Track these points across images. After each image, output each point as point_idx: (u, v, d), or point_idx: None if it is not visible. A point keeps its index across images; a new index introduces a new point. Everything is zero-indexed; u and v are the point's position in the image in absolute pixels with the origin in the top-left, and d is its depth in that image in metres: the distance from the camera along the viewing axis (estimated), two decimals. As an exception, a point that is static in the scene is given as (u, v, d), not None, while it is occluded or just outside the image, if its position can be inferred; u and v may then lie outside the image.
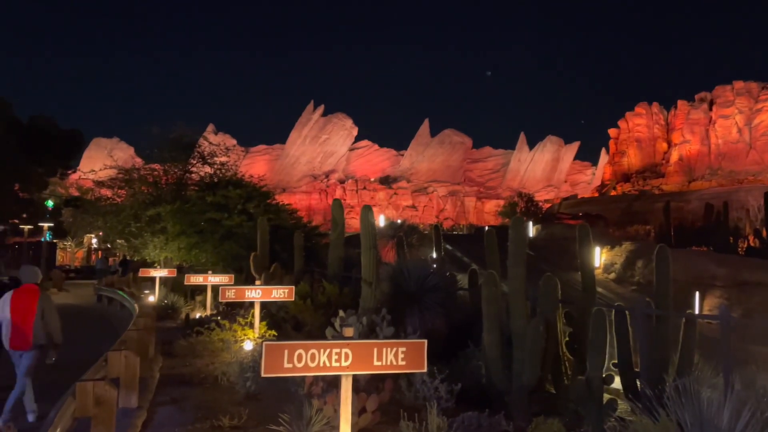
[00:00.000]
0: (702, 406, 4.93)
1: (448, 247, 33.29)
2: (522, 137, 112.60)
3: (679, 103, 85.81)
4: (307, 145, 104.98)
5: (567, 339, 10.72)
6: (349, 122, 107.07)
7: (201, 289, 19.32)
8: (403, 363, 5.26)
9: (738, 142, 77.73)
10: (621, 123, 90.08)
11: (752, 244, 35.12)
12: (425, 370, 5.48)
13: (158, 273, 20.39)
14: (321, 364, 5.09)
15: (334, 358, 5.10)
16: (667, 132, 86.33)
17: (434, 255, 23.39)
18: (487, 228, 17.64)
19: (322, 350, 5.09)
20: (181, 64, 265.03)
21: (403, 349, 5.26)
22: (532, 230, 41.92)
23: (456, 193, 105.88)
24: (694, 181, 76.53)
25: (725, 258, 27.11)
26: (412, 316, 11.82)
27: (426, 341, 5.43)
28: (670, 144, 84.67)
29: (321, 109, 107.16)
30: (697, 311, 19.82)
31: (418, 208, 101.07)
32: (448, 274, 14.32)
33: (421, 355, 5.32)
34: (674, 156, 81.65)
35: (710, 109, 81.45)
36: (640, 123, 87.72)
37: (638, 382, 8.86)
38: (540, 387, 9.49)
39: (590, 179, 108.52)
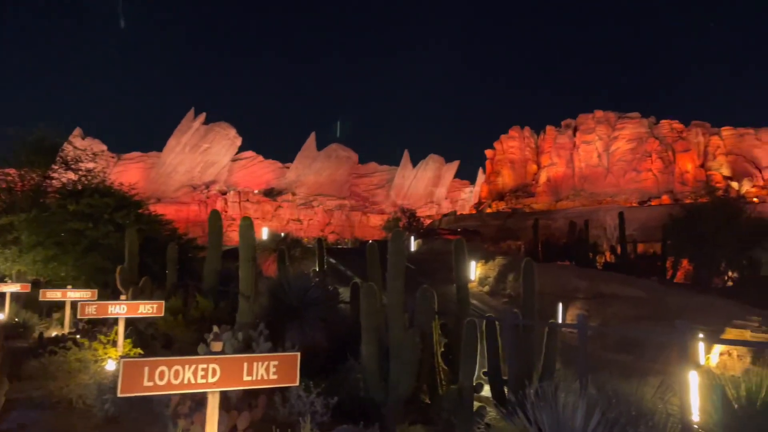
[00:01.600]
0: (559, 408, 5.24)
1: (332, 260, 33.25)
2: (406, 154, 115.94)
3: (548, 128, 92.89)
4: (186, 153, 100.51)
5: (443, 350, 11.04)
6: (232, 132, 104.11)
7: (59, 306, 17.66)
8: (275, 377, 5.09)
9: (598, 166, 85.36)
10: (496, 145, 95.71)
11: (609, 260, 38.45)
12: (297, 383, 5.34)
13: (8, 288, 18.35)
14: (186, 381, 4.78)
15: (200, 375, 4.81)
16: (537, 154, 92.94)
17: (317, 268, 23.23)
18: (370, 242, 17.80)
19: (187, 366, 4.79)
20: (48, 63, 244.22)
21: (275, 362, 5.09)
22: (413, 244, 43.07)
23: (342, 207, 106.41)
24: (560, 200, 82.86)
25: (585, 272, 29.42)
26: (292, 330, 11.58)
27: (299, 354, 5.29)
28: (539, 166, 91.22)
29: (202, 117, 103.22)
30: (560, 321, 21.25)
31: (303, 221, 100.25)
32: (330, 287, 14.26)
33: (294, 368, 5.18)
34: (543, 177, 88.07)
35: (574, 135, 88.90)
36: (513, 145, 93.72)
37: (506, 389, 9.30)
38: (415, 397, 9.65)
39: (469, 197, 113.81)
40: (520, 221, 63.69)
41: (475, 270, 30.90)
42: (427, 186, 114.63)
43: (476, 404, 9.35)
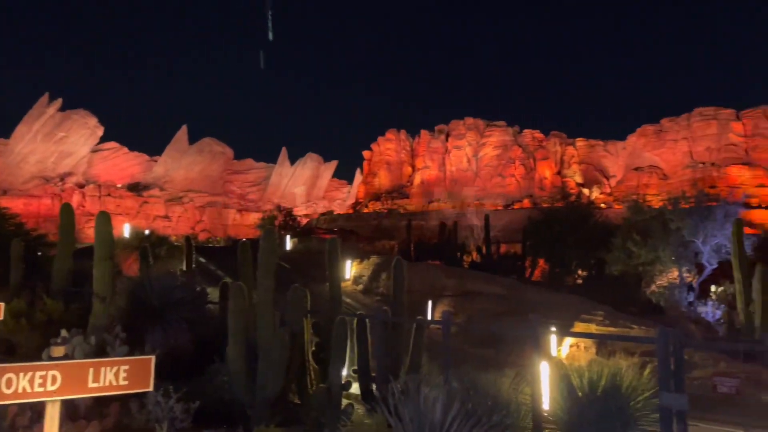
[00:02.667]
0: (420, 402, 5.39)
1: (202, 260, 31.91)
2: (284, 152, 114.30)
3: (422, 132, 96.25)
4: (38, 142, 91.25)
5: (314, 348, 10.98)
6: (92, 120, 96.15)
7: None
8: (126, 383, 4.73)
9: (467, 170, 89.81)
10: (374, 146, 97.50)
11: (475, 259, 40.54)
12: (152, 388, 5.01)
13: None
14: (20, 391, 4.30)
15: (37, 383, 4.35)
16: (412, 157, 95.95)
17: (184, 268, 22.15)
18: (242, 240, 17.33)
19: (21, 374, 4.30)
20: None
21: (126, 367, 4.73)
22: (289, 243, 42.55)
23: (214, 204, 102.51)
24: (432, 202, 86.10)
25: (454, 271, 30.79)
26: (153, 332, 10.94)
27: (153, 357, 4.97)
28: (414, 168, 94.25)
29: (58, 102, 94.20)
30: (429, 318, 22.03)
31: (171, 218, 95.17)
32: (198, 287, 13.66)
33: (147, 373, 4.85)
34: (417, 179, 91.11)
35: (447, 140, 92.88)
36: (389, 147, 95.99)
37: (373, 385, 9.45)
38: (284, 398, 9.50)
39: (346, 197, 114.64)
40: (395, 221, 65.37)
41: (350, 269, 31.15)
42: (305, 184, 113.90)
43: (345, 401, 9.40)
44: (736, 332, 23.33)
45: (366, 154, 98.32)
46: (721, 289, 30.67)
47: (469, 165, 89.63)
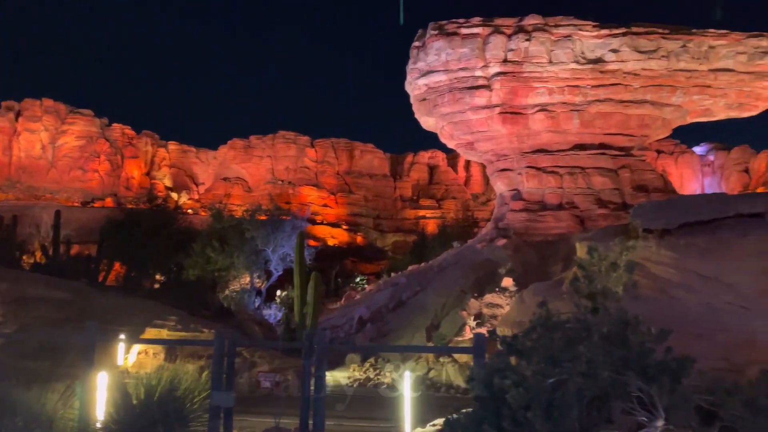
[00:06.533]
0: None
1: None
2: None
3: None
4: None
5: None
6: None
7: None
8: None
9: (41, 158, 78.82)
10: None
11: (38, 260, 35.63)
12: None
13: None
14: None
15: None
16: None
17: None
18: None
19: None
20: None
21: None
22: None
23: None
24: (-10, 191, 72.34)
25: (8, 273, 26.38)
26: None
27: None
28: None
29: None
30: (-34, 330, 18.37)
31: None
32: None
33: None
34: (-29, 161, 75.13)
35: (17, 120, 79.68)
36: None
37: None
38: None
39: None
40: (-70, 210, 52.35)
41: None
42: None
43: None
44: (292, 331, 26.73)
45: None
46: (284, 293, 34.84)
47: (44, 153, 78.96)
